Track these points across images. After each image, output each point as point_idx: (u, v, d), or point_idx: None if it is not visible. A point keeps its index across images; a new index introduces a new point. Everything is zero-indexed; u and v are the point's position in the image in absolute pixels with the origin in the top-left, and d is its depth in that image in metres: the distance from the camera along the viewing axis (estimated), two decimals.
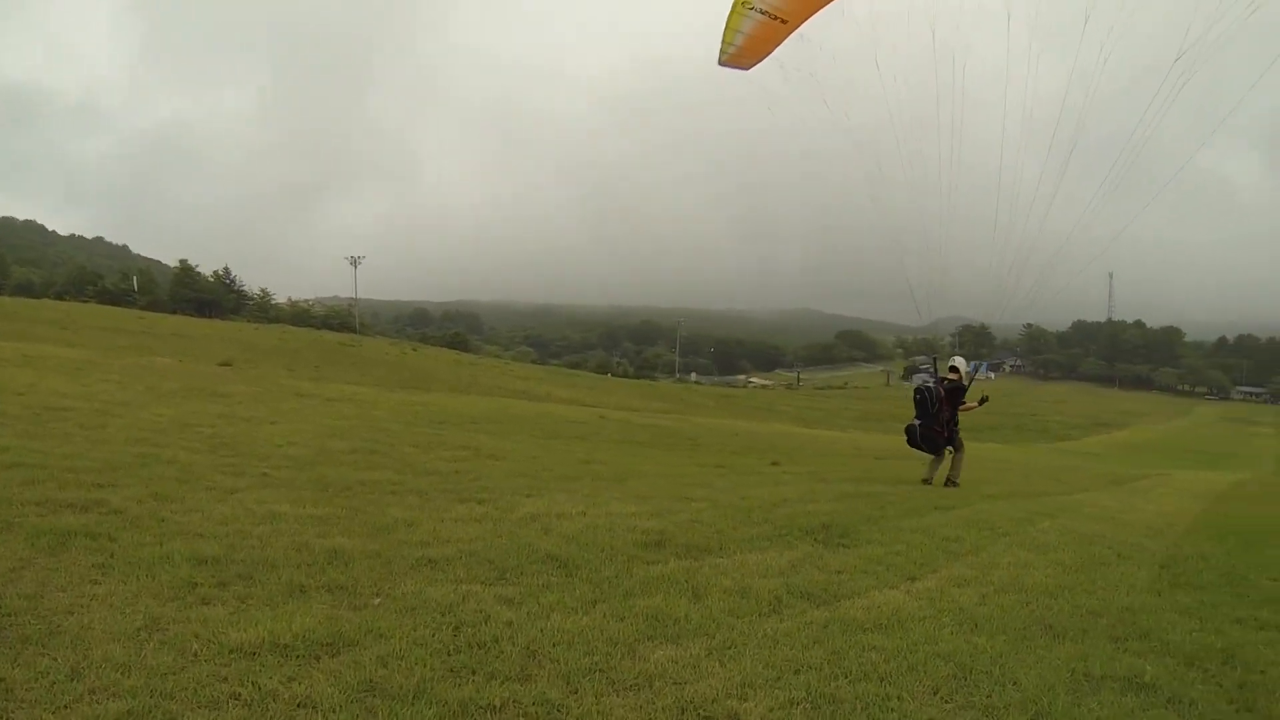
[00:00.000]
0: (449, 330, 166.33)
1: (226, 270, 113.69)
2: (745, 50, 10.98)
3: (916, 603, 5.58)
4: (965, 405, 13.90)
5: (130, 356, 26.35)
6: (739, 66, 11.27)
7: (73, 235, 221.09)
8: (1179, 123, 11.13)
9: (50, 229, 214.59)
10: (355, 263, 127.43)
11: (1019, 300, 14.09)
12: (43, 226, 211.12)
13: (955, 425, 13.84)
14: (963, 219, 13.89)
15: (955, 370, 13.99)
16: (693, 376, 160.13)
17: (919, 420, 13.58)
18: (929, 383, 13.70)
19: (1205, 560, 7.91)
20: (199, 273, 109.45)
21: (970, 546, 7.71)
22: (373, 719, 3.33)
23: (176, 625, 4.03)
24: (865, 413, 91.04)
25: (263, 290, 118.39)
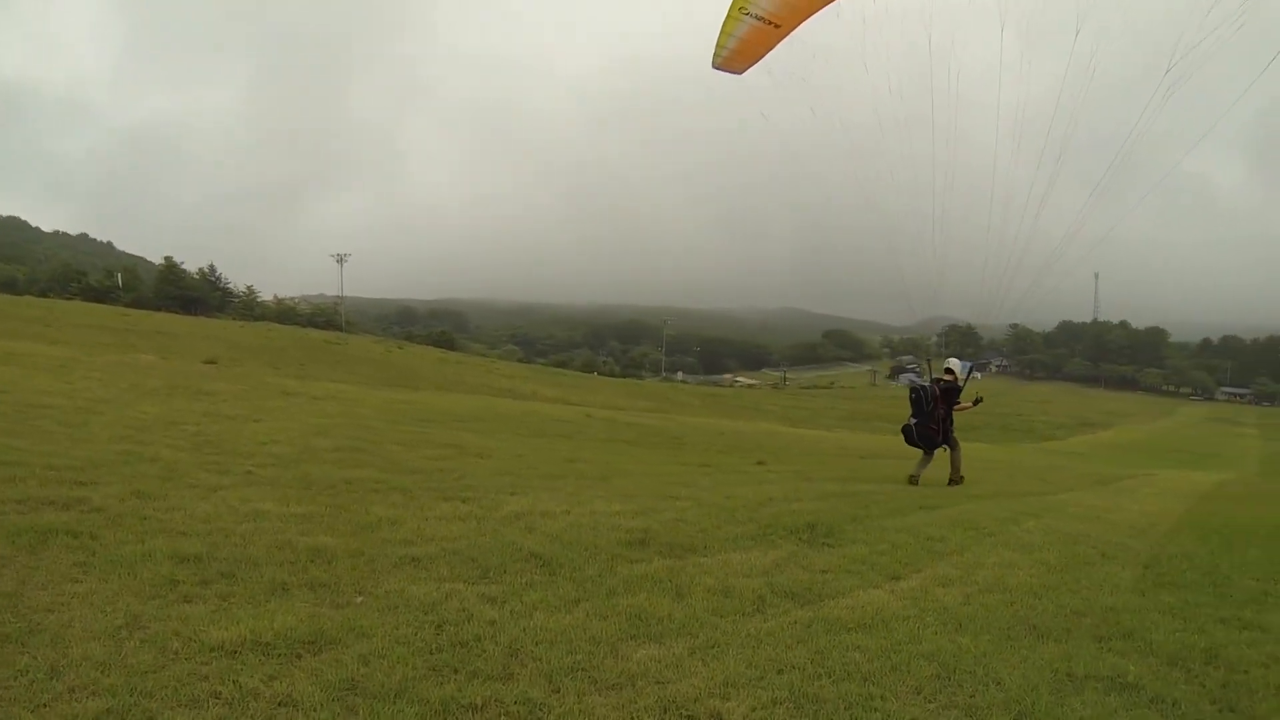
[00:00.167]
0: (435, 328, 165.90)
1: (212, 267, 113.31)
2: (738, 54, 11.08)
3: (900, 602, 5.58)
4: (960, 405, 14.33)
5: (114, 354, 26.17)
6: (732, 70, 11.41)
7: (57, 232, 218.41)
8: (1164, 125, 11.26)
9: (34, 225, 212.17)
10: (341, 260, 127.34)
11: (1010, 301, 14.33)
12: (26, 223, 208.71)
13: (950, 424, 14.24)
14: (954, 219, 14.14)
15: (950, 372, 14.44)
16: (679, 375, 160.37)
17: (915, 419, 14.05)
18: (924, 382, 14.25)
19: (1189, 560, 7.91)
20: (184, 270, 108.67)
21: (955, 546, 7.70)
22: (354, 718, 3.32)
23: (157, 623, 4.01)
24: (851, 412, 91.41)
25: (248, 288, 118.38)
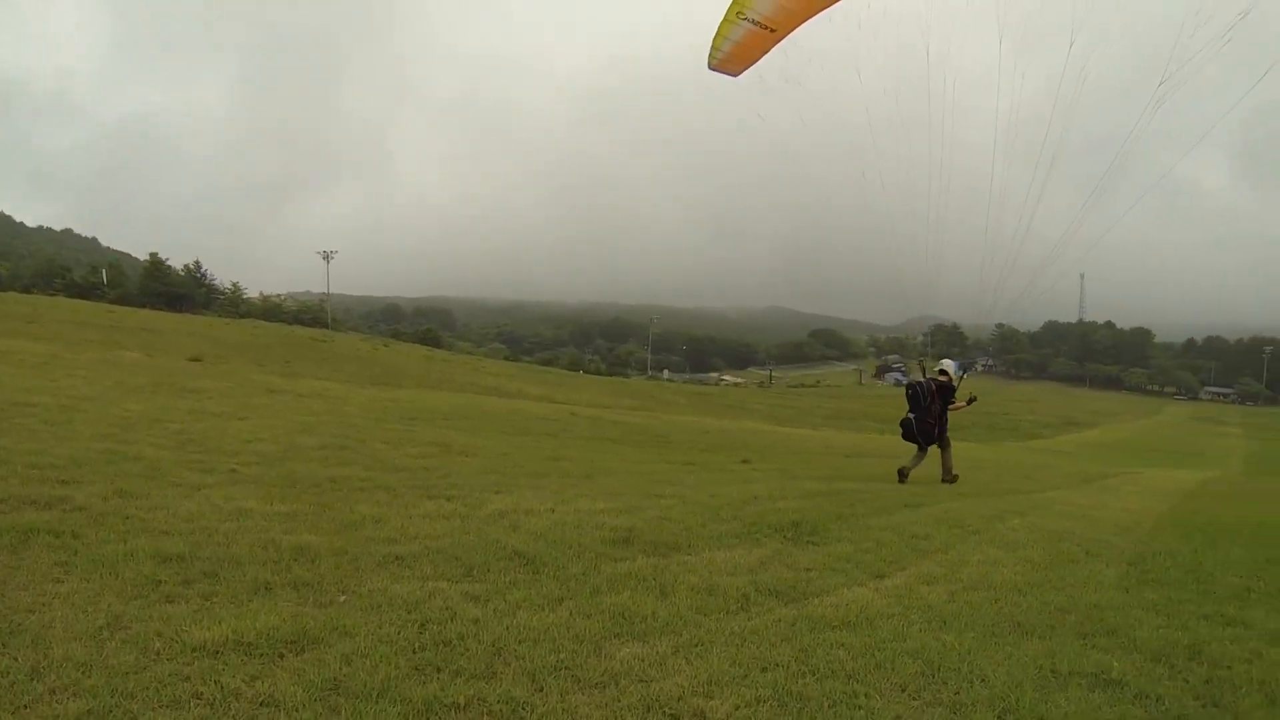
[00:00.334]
0: (421, 326, 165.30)
1: (198, 264, 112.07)
2: (734, 56, 11.20)
3: (885, 600, 5.59)
4: (955, 405, 14.95)
5: (98, 351, 25.96)
6: (727, 72, 11.57)
7: (41, 227, 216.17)
8: (1154, 128, 11.38)
9: (18, 220, 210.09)
10: (328, 257, 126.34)
11: (1004, 302, 14.68)
12: (10, 218, 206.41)
13: (945, 423, 14.81)
14: (949, 221, 14.35)
15: (944, 372, 14.98)
16: (665, 374, 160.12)
17: (913, 414, 14.59)
18: (920, 379, 14.78)
19: (1172, 557, 7.96)
20: (170, 266, 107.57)
21: (940, 544, 7.73)
22: (336, 718, 3.30)
23: (139, 624, 3.98)
24: (837, 411, 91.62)
25: (234, 284, 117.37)
